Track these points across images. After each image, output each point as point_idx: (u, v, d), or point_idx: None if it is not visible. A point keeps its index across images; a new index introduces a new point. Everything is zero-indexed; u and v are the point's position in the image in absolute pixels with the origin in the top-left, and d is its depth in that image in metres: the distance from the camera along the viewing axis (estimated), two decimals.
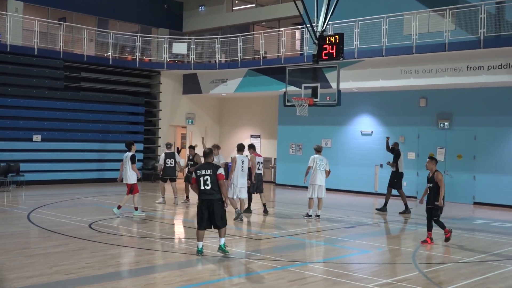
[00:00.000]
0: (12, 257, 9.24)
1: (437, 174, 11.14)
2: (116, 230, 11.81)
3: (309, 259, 9.47)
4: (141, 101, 24.69)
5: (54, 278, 7.78)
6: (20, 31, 21.85)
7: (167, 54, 24.20)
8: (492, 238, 12.18)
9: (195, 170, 9.41)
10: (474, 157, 18.65)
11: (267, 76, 22.28)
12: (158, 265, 8.86)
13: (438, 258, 10.02)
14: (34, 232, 11.46)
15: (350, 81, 19.59)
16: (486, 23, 16.67)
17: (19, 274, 8.02)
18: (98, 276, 8.11)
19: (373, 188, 20.96)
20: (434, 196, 11.09)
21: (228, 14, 27.01)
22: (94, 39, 24.12)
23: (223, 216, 9.28)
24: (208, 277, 8.10)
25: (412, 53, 17.97)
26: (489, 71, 16.90)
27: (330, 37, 13.79)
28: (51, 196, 17.60)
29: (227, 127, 27.51)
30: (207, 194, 9.17)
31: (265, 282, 7.95)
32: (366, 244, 11.14)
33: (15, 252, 9.65)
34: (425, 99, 19.78)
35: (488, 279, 8.44)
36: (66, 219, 13.13)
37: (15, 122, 20.78)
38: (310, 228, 12.86)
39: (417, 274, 8.64)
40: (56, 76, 22.10)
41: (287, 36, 22.38)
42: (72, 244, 10.21)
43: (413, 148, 20.00)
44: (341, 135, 21.94)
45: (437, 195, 11.05)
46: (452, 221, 14.72)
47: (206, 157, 9.56)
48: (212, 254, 9.53)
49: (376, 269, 9.11)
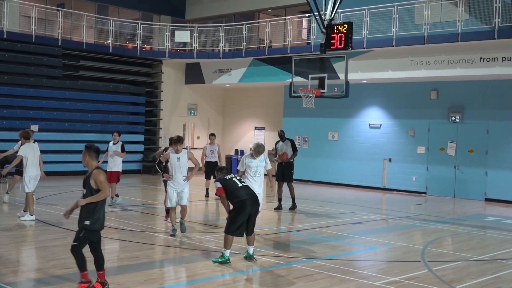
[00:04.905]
0: (8, 251, 9.29)
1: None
2: (115, 223, 11.85)
3: (315, 256, 9.49)
4: (142, 91, 24.69)
5: (52, 272, 7.82)
6: (18, 17, 21.84)
7: (169, 42, 24.15)
8: (504, 236, 12.16)
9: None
10: (487, 152, 18.59)
11: (272, 66, 22.24)
12: (158, 260, 8.89)
13: (448, 256, 10.02)
14: (31, 225, 11.49)
15: (359, 72, 19.53)
16: (501, 12, 16.56)
17: (15, 268, 8.07)
18: None
19: (381, 183, 20.94)
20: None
21: (233, 2, 26.90)
22: (93, 26, 24.09)
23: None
24: (210, 273, 8.12)
25: (423, 43, 17.89)
26: (503, 63, 16.80)
27: (339, 26, 13.72)
28: (48, 188, 17.65)
29: (231, 119, 27.50)
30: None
31: (269, 279, 7.96)
32: (373, 241, 11.14)
33: (12, 245, 9.70)
34: (436, 92, 19.72)
35: (499, 278, 8.43)
36: (63, 211, 13.15)
37: (12, 111, 20.83)
38: (316, 224, 12.86)
39: (426, 272, 8.65)
40: (54, 64, 22.11)
41: (294, 24, 22.30)
42: (70, 237, 10.16)
43: (423, 142, 19.96)
44: (348, 128, 21.90)
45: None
46: (463, 218, 14.72)
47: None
48: (216, 249, 9.55)
49: (383, 266, 9.11)
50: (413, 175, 20.20)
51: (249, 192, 8.74)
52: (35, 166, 12.16)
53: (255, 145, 10.77)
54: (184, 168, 10.65)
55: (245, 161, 10.63)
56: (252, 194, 8.75)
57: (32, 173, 12.10)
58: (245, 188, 8.78)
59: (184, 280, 7.69)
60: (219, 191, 8.77)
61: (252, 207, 8.63)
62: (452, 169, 19.25)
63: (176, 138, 10.72)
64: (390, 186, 20.77)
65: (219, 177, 8.98)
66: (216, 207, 15.23)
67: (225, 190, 8.72)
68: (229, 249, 8.64)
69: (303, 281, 7.86)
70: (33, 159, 12.11)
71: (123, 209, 13.62)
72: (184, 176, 10.65)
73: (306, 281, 7.87)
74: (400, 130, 20.59)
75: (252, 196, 8.71)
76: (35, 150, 12.29)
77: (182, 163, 10.61)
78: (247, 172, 10.62)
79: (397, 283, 7.90)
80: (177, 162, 10.58)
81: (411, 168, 20.23)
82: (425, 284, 7.88)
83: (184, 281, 7.64)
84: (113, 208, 13.89)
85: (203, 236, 10.98)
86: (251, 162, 10.61)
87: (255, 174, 10.64)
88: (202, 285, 7.49)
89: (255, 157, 10.63)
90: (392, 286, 7.71)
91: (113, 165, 14.76)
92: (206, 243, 10.25)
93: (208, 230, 11.85)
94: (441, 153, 19.53)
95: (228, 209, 8.82)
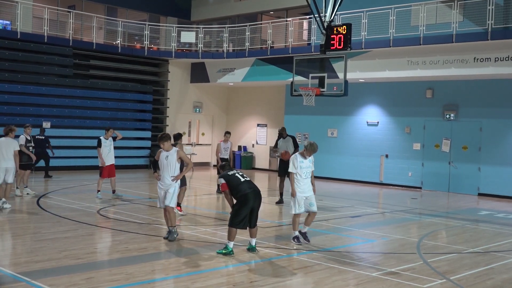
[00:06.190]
0: (22, 242, 9.32)
1: None
2: (123, 216, 11.87)
3: (314, 248, 9.49)
4: (149, 89, 24.69)
5: (63, 263, 7.83)
6: (30, 18, 21.86)
7: (175, 42, 24.14)
8: (496, 229, 12.14)
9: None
10: (480, 148, 18.56)
11: (274, 65, 22.20)
12: (165, 251, 8.90)
13: (442, 248, 10.01)
14: (43, 218, 11.52)
15: (357, 72, 19.49)
16: (494, 14, 16.51)
17: (28, 258, 8.09)
18: (107, 261, 8.18)
19: (378, 178, 20.93)
20: None
21: (236, 4, 26.88)
22: (103, 27, 24.09)
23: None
24: (215, 264, 8.13)
25: (419, 44, 17.84)
26: (496, 63, 16.76)
27: (338, 28, 13.69)
28: (60, 182, 17.69)
29: (234, 116, 27.49)
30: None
31: (271, 270, 7.97)
32: (371, 234, 11.14)
33: (25, 236, 9.73)
34: (431, 90, 19.67)
35: (492, 270, 8.42)
36: (74, 205, 13.20)
37: (25, 108, 20.86)
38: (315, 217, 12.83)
39: (421, 263, 8.64)
40: (66, 63, 22.12)
41: (295, 26, 22.27)
42: (81, 229, 10.27)
43: (419, 139, 19.93)
44: (347, 125, 21.88)
45: None
46: (457, 212, 14.70)
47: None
48: (220, 241, 9.56)
49: (380, 258, 9.11)
50: (409, 171, 20.18)
51: (252, 186, 8.73)
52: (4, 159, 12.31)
53: (310, 143, 9.63)
54: (172, 167, 9.53)
55: (297, 162, 9.55)
56: (254, 188, 8.74)
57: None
58: (248, 182, 8.78)
59: (189, 270, 7.70)
60: (223, 187, 8.77)
61: (254, 201, 8.63)
62: (446, 165, 19.23)
63: (160, 135, 9.62)
64: (387, 181, 20.76)
65: (223, 173, 8.98)
66: (222, 201, 15.23)
67: (229, 185, 8.72)
68: (233, 241, 8.64)
69: (303, 272, 7.87)
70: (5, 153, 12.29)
71: (132, 202, 13.62)
72: (172, 176, 9.55)
73: (306, 272, 7.87)
74: (397, 128, 20.56)
75: (254, 190, 8.70)
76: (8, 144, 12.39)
77: (170, 162, 9.51)
78: (297, 174, 9.58)
79: (394, 274, 7.89)
80: (165, 160, 9.53)
81: (407, 163, 20.21)
82: (421, 275, 7.88)
83: (190, 271, 7.65)
84: (121, 201, 13.92)
85: (207, 228, 10.99)
86: (302, 163, 9.56)
87: (306, 175, 9.61)
88: (207, 275, 7.50)
89: (306, 156, 9.58)
90: (389, 277, 7.71)
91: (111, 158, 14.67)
92: (211, 235, 10.26)
93: (213, 223, 11.86)
94: (436, 150, 19.51)
95: (232, 203, 8.82)
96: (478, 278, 7.90)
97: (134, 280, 7.18)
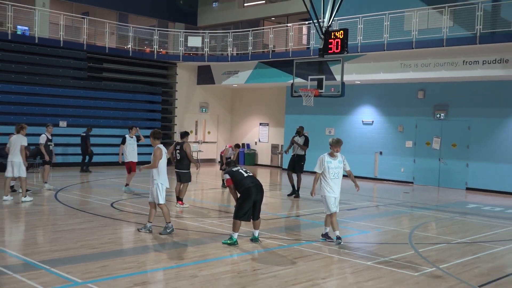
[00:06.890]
0: (41, 232, 9.40)
1: None
2: (136, 209, 11.94)
3: (314, 238, 9.55)
4: (159, 91, 24.75)
5: (80, 252, 7.91)
6: (47, 24, 21.93)
7: (182, 47, 24.18)
8: (483, 221, 12.18)
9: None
10: (468, 146, 18.59)
11: (275, 68, 22.24)
12: (174, 242, 8.97)
13: (432, 238, 10.06)
14: (61, 210, 11.61)
15: (354, 74, 19.51)
16: (482, 20, 16.52)
17: (47, 247, 8.17)
18: (120, 250, 8.25)
19: (373, 174, 20.97)
20: None
21: (240, 10, 26.91)
22: (115, 32, 24.16)
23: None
24: (220, 253, 8.20)
25: (412, 48, 17.86)
26: (484, 66, 16.77)
27: (335, 32, 13.72)
28: (76, 177, 17.78)
29: (238, 116, 27.54)
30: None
31: (273, 259, 8.03)
32: (365, 225, 11.19)
33: (44, 227, 9.81)
34: (423, 91, 19.69)
35: (479, 259, 8.47)
36: (90, 198, 13.30)
37: (43, 108, 20.95)
38: (314, 210, 12.92)
39: (412, 253, 8.70)
40: (80, 66, 22.19)
41: (295, 31, 22.28)
42: (96, 221, 10.35)
43: (411, 137, 19.96)
44: (344, 124, 21.91)
45: None
46: (446, 205, 14.73)
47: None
48: (226, 232, 9.63)
49: (374, 248, 9.16)
50: (402, 167, 20.22)
51: (254, 181, 8.79)
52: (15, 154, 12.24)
53: (333, 138, 9.29)
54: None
55: (324, 162, 9.03)
56: (256, 182, 8.80)
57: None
58: (250, 177, 8.84)
59: (197, 259, 7.77)
60: (228, 182, 8.85)
61: (257, 194, 8.69)
62: (436, 161, 19.26)
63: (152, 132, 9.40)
64: (381, 176, 20.80)
65: (228, 169, 9.07)
66: (227, 195, 15.29)
67: (233, 180, 8.79)
68: (237, 232, 8.71)
69: (303, 261, 7.93)
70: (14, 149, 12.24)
71: (144, 196, 13.69)
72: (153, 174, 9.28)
73: (305, 261, 7.93)
74: (390, 126, 20.59)
75: (256, 184, 8.76)
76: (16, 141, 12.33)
77: (152, 159, 9.24)
78: (324, 174, 9.03)
79: (387, 263, 7.95)
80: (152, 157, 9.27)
81: (400, 160, 20.25)
82: (412, 264, 7.94)
83: (197, 260, 7.72)
84: (131, 195, 14.00)
85: (213, 220, 11.06)
86: (330, 163, 9.02)
87: (335, 175, 9.03)
88: (213, 263, 7.57)
89: (335, 155, 9.11)
90: (382, 266, 7.77)
91: (134, 156, 14.81)
92: (216, 226, 10.33)
93: (218, 215, 11.93)
94: (427, 147, 19.53)
95: (236, 197, 8.89)
96: (466, 266, 7.95)
97: (145, 268, 7.26)
